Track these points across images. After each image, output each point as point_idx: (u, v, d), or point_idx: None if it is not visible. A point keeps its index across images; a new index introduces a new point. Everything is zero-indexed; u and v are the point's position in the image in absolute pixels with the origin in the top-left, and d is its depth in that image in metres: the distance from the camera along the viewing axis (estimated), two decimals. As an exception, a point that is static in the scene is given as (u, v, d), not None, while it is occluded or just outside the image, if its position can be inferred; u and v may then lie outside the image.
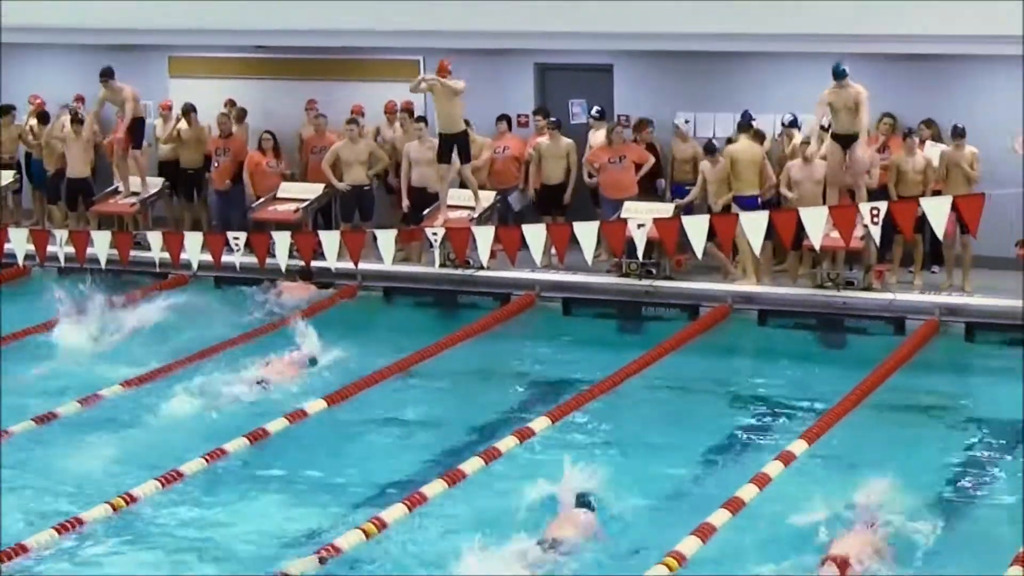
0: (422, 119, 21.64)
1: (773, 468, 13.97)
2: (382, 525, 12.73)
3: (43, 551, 12.48)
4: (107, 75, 21.82)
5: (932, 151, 19.56)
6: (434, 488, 13.51)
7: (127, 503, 13.39)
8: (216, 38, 23.53)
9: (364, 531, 12.58)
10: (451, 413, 16.06)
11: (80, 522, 12.97)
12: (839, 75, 18.69)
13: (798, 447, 14.50)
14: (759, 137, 20.11)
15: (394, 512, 12.97)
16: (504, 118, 22.04)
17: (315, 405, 15.90)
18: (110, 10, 23.38)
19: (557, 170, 21.43)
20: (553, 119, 21.61)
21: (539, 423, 15.22)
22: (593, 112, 21.64)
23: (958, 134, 19.31)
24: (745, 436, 15.31)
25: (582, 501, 12.74)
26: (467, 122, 20.74)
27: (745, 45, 20.68)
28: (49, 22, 23.65)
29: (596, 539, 12.37)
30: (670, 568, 11.81)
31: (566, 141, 21.45)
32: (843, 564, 12.00)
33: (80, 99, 23.85)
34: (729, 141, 20.31)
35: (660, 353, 17.53)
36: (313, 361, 17.11)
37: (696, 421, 15.70)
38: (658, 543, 12.34)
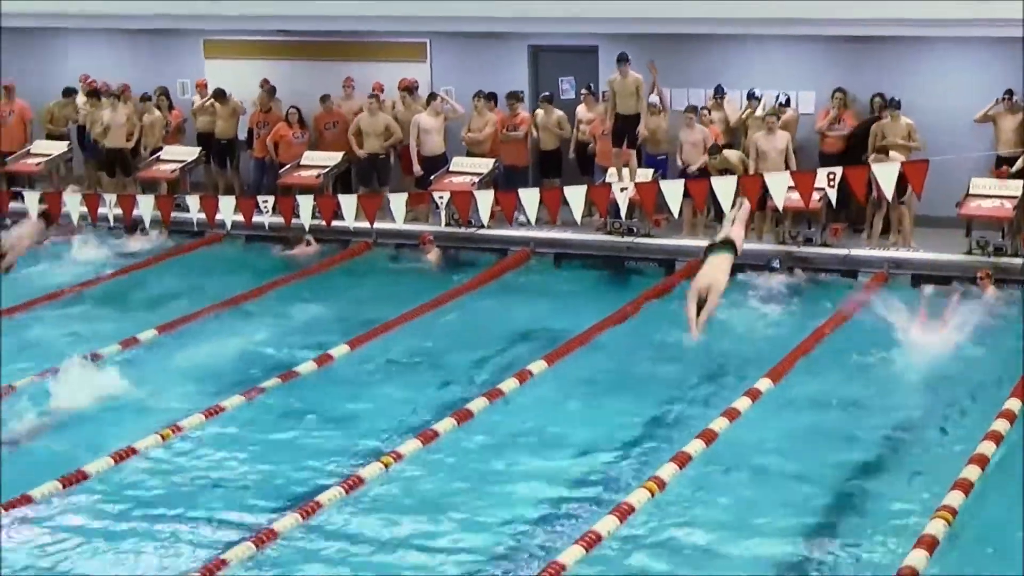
0: (433, 95, 21.77)
1: (742, 403, 14.01)
2: (398, 457, 12.78)
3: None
4: None
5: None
6: (444, 425, 13.53)
7: (174, 433, 13.42)
8: (244, 23, 23.45)
9: (383, 463, 12.63)
10: (457, 357, 16.01)
11: (134, 450, 12.93)
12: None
13: (764, 384, 14.55)
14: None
15: (409, 446, 13.00)
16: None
17: (340, 349, 15.96)
18: (151, -3, 23.51)
19: (551, 139, 21.55)
20: (546, 94, 21.73)
21: (537, 365, 15.26)
22: (582, 89, 21.67)
23: (893, 106, 19.41)
24: (716, 372, 15.29)
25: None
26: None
27: (716, 28, 20.68)
28: (97, 9, 23.68)
29: None
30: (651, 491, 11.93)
31: (558, 113, 21.50)
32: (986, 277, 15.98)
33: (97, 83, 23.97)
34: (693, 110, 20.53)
35: (642, 300, 17.57)
36: None
37: (672, 359, 15.59)
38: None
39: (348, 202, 16.82)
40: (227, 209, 17.03)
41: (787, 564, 10.99)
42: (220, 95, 22.98)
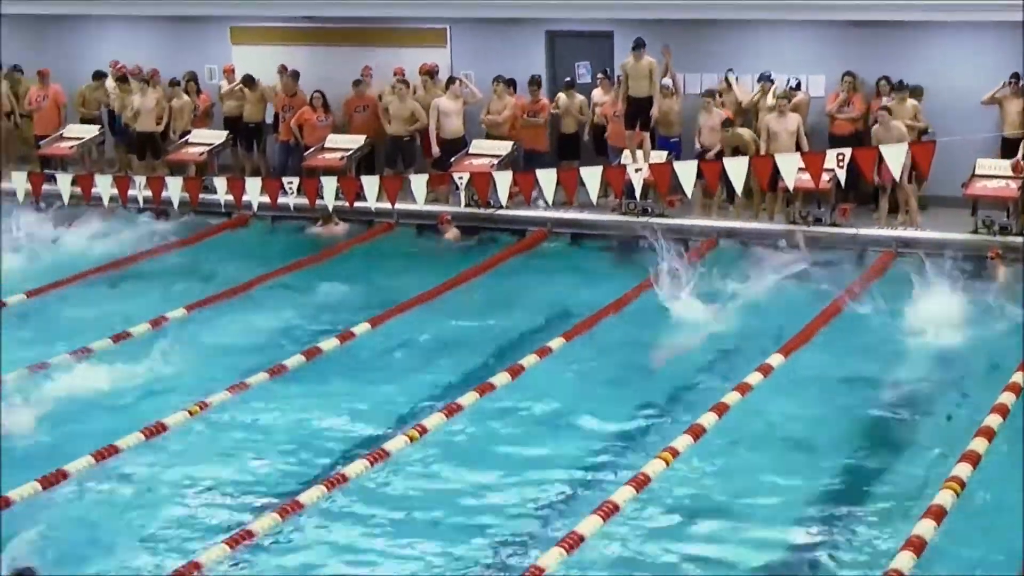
0: (453, 79, 21.72)
1: (754, 378, 13.98)
2: (423, 430, 12.80)
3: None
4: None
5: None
6: (468, 398, 13.55)
7: (201, 410, 13.42)
8: (269, 9, 23.47)
9: (409, 437, 12.66)
10: (476, 334, 15.98)
11: (164, 426, 12.99)
12: None
13: (775, 360, 14.52)
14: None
15: (433, 420, 13.03)
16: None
17: (362, 327, 15.94)
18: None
19: (572, 123, 21.54)
20: (568, 79, 21.73)
21: (555, 342, 15.24)
22: (598, 74, 21.60)
23: (900, 89, 19.33)
24: (729, 348, 15.27)
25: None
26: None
27: (728, 13, 20.61)
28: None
29: None
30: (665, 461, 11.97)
31: (579, 98, 21.49)
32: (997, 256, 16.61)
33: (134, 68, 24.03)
34: (711, 95, 20.38)
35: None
36: None
37: (686, 335, 15.61)
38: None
39: (370, 183, 16.88)
40: (254, 191, 17.12)
41: (797, 533, 11.01)
42: (249, 81, 22.96)
